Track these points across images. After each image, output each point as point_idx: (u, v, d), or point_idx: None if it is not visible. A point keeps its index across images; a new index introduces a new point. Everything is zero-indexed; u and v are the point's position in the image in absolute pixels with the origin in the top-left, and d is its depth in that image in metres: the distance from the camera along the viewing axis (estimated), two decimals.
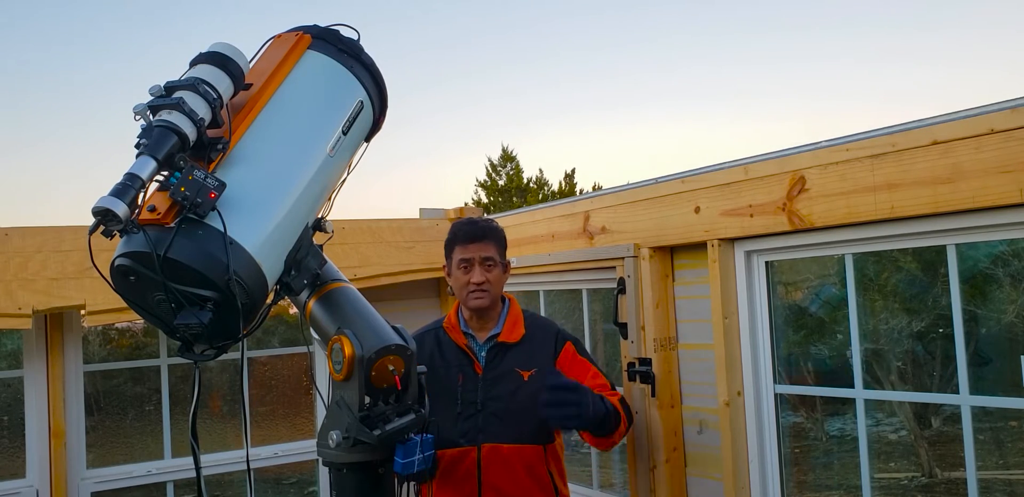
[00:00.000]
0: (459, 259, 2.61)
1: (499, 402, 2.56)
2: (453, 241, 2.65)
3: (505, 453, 2.53)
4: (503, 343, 2.63)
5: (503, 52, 45.49)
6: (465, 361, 2.61)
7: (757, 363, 2.68)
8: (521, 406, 2.53)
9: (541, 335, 2.68)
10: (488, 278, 2.59)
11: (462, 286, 2.61)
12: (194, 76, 1.65)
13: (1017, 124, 1.89)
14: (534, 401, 2.50)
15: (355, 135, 1.95)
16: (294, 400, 4.80)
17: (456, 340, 2.64)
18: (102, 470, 3.63)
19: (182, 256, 1.51)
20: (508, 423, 2.54)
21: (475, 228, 2.63)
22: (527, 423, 2.53)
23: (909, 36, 41.78)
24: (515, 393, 2.56)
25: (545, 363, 2.62)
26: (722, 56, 44.85)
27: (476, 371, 2.60)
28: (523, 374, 2.60)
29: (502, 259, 2.66)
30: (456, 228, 2.67)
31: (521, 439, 2.54)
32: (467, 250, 2.59)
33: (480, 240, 2.60)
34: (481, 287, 2.58)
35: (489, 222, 2.71)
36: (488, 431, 2.54)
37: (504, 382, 2.58)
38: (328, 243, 1.96)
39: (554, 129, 44.59)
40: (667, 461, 2.90)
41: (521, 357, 2.62)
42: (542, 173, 28.82)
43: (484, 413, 2.55)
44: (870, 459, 2.44)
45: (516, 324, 2.67)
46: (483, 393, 2.56)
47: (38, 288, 3.25)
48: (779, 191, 2.47)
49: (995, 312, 3.15)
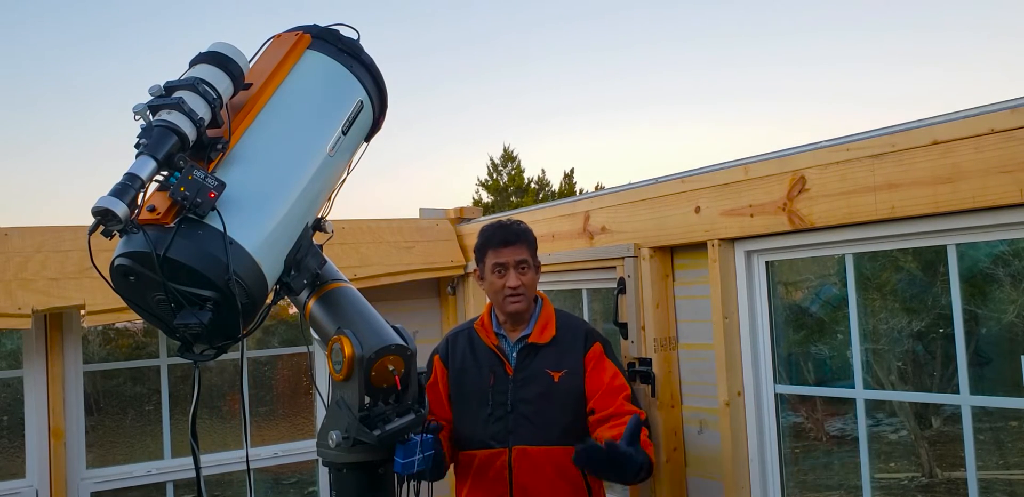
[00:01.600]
0: (493, 264, 2.59)
1: (529, 404, 2.54)
2: (486, 245, 2.63)
3: (535, 455, 2.52)
4: (533, 344, 2.61)
5: (505, 53, 45.53)
6: (496, 362, 2.61)
7: (757, 363, 2.68)
8: (552, 408, 2.52)
9: (571, 335, 2.66)
10: (524, 281, 2.58)
11: (498, 290, 2.60)
12: (194, 76, 1.65)
13: (1017, 124, 1.89)
14: (564, 403, 2.50)
15: (355, 135, 1.95)
16: (294, 400, 4.80)
17: (487, 341, 2.64)
18: (102, 470, 3.63)
19: (182, 256, 1.51)
20: (538, 425, 2.52)
21: (508, 232, 2.61)
22: (557, 425, 2.52)
23: (910, 36, 41.82)
24: (545, 394, 2.55)
25: (575, 364, 2.60)
26: (721, 57, 44.88)
27: (507, 372, 2.59)
28: (554, 375, 2.58)
29: (535, 261, 2.65)
30: (489, 232, 2.65)
31: (551, 441, 2.52)
32: (501, 254, 2.58)
33: (514, 244, 2.59)
34: (517, 291, 2.57)
35: (520, 224, 2.69)
36: (518, 433, 2.53)
37: (534, 383, 2.57)
38: (328, 243, 1.96)
39: (555, 129, 44.65)
40: (667, 461, 2.89)
41: (551, 358, 2.60)
42: (544, 173, 28.87)
43: (514, 414, 2.54)
44: (870, 459, 2.44)
45: (547, 325, 2.66)
46: (513, 394, 2.55)
47: (38, 288, 3.25)
48: (779, 191, 2.46)
49: (995, 312, 3.15)
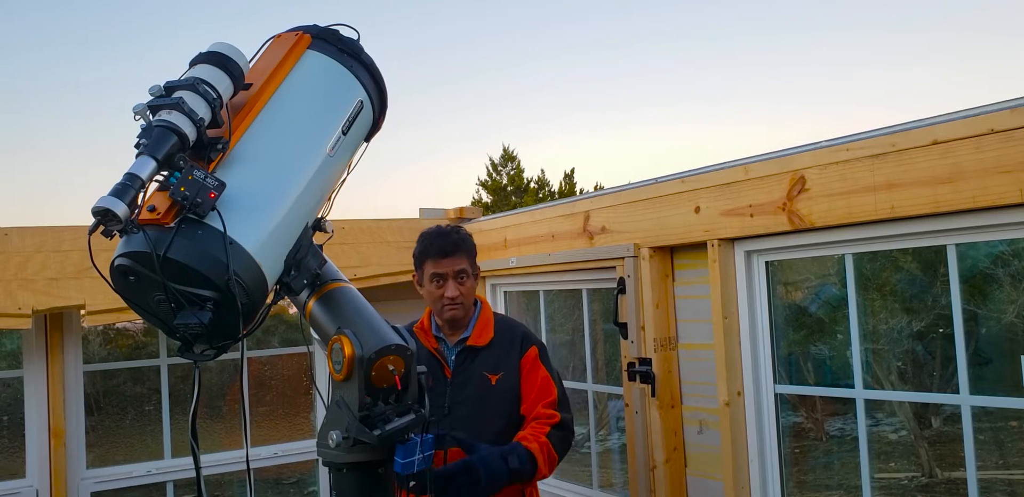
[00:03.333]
0: (431, 273, 2.58)
1: (465, 406, 2.55)
2: (424, 255, 2.60)
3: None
4: (472, 347, 2.62)
5: (505, 53, 45.53)
6: (434, 365, 2.60)
7: (757, 363, 2.67)
8: (487, 410, 2.53)
9: (508, 338, 2.66)
10: (462, 291, 2.58)
11: (436, 299, 2.59)
12: (194, 76, 1.65)
13: (1017, 124, 1.89)
14: (500, 406, 2.52)
15: (355, 135, 1.95)
16: (294, 400, 4.80)
17: (426, 344, 2.64)
18: (102, 470, 3.63)
19: (182, 256, 1.51)
20: (474, 427, 2.51)
21: (446, 242, 2.58)
22: (492, 427, 2.52)
23: (909, 37, 41.83)
24: (482, 397, 2.56)
25: (512, 366, 2.61)
26: (722, 57, 44.89)
27: (445, 375, 2.59)
28: (491, 378, 2.59)
29: (473, 269, 2.64)
30: (427, 241, 2.61)
31: (487, 443, 2.47)
32: (440, 265, 2.57)
33: (452, 254, 2.57)
34: (456, 301, 2.57)
35: (459, 232, 2.66)
36: (454, 435, 2.50)
37: (471, 386, 2.58)
38: (328, 243, 1.96)
39: (555, 129, 44.65)
40: (667, 461, 2.89)
41: (489, 361, 2.61)
42: (543, 173, 28.87)
43: (451, 417, 2.53)
44: (870, 459, 2.44)
45: (486, 328, 2.66)
46: (450, 397, 2.56)
47: (38, 288, 3.25)
48: (779, 191, 2.46)
49: (995, 312, 3.15)
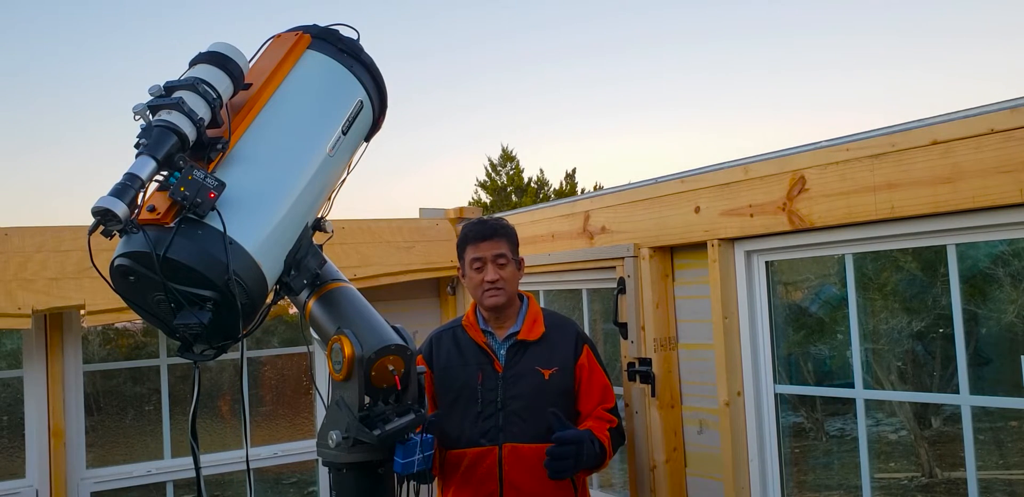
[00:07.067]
0: (471, 258, 2.60)
1: (520, 401, 2.54)
2: (464, 241, 2.64)
3: (526, 453, 2.50)
4: (523, 341, 2.60)
5: (506, 53, 45.53)
6: (484, 359, 2.60)
7: (757, 363, 2.67)
8: (542, 405, 2.51)
9: (561, 334, 2.66)
10: (502, 275, 2.58)
11: (476, 285, 2.60)
12: (194, 76, 1.65)
13: (1017, 124, 1.89)
14: (554, 400, 2.50)
15: (355, 135, 1.95)
16: (294, 400, 4.79)
17: (475, 338, 2.63)
18: (102, 470, 3.63)
19: (181, 256, 1.51)
20: (529, 422, 2.52)
21: (485, 227, 2.63)
22: (546, 422, 2.49)
23: (909, 37, 41.83)
24: (536, 392, 2.54)
25: (566, 363, 2.61)
26: (722, 57, 44.89)
27: (496, 369, 2.58)
28: (544, 373, 2.57)
29: (515, 256, 2.65)
30: (467, 229, 2.66)
31: (541, 438, 2.49)
32: (479, 249, 2.59)
33: (491, 238, 2.59)
34: (495, 285, 2.57)
35: (499, 220, 2.71)
36: (509, 430, 2.52)
37: (525, 380, 2.56)
38: (328, 243, 1.96)
39: (555, 129, 44.64)
40: (667, 461, 2.89)
41: (542, 355, 2.60)
42: (543, 173, 28.85)
43: (505, 412, 2.53)
44: (870, 459, 2.44)
45: (536, 322, 2.65)
46: (503, 392, 2.55)
47: (38, 288, 3.24)
48: (779, 191, 2.46)
49: (995, 312, 3.15)
